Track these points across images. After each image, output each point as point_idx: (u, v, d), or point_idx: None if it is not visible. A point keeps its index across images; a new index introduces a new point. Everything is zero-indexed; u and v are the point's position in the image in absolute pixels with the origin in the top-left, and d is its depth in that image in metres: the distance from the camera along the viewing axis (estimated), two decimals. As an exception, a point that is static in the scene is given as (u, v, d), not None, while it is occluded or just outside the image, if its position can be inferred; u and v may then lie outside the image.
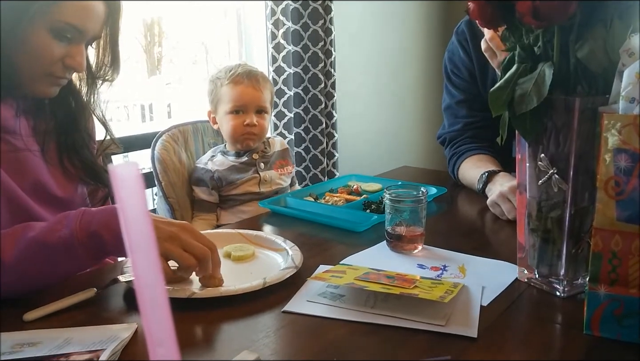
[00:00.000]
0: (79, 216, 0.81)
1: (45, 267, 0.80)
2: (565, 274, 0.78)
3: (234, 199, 1.44)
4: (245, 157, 1.45)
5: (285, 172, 1.51)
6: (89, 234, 0.79)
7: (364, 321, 0.73)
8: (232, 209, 1.44)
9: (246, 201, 1.43)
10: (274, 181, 1.46)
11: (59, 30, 0.86)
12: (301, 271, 0.88)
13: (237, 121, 1.42)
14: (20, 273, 0.78)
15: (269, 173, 1.45)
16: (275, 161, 1.50)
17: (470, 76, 1.48)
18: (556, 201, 0.78)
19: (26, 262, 0.78)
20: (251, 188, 1.43)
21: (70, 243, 0.79)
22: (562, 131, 0.76)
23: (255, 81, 1.44)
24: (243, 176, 1.43)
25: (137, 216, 0.18)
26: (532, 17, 0.71)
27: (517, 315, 0.76)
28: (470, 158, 1.40)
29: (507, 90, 0.77)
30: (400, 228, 0.98)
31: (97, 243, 0.80)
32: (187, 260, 0.81)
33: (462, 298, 0.79)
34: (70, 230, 0.79)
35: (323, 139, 2.42)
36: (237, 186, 1.43)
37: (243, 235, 1.05)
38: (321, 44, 2.33)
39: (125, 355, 0.66)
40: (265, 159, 1.47)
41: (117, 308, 0.80)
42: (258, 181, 1.43)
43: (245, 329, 0.74)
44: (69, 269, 0.83)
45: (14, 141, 0.91)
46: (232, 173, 1.43)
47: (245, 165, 1.45)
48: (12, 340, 0.68)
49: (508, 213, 1.13)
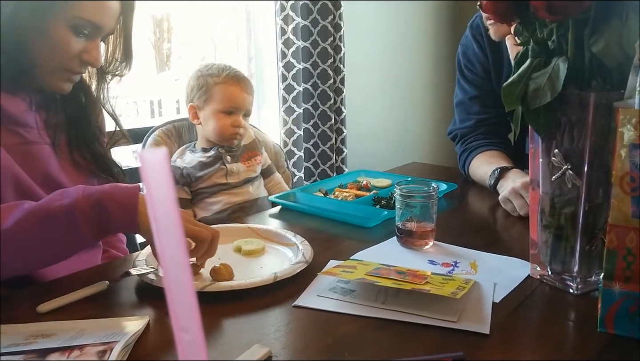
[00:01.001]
0: (81, 188, 0.80)
1: (43, 236, 0.78)
2: (578, 272, 0.78)
3: (203, 192, 1.46)
4: (212, 151, 1.47)
5: (254, 162, 1.52)
6: (91, 203, 0.78)
7: (374, 317, 0.73)
8: (202, 203, 1.46)
9: (215, 193, 1.45)
10: (242, 173, 1.48)
11: (77, 26, 0.88)
12: (311, 266, 0.88)
13: (226, 121, 1.44)
14: (18, 244, 0.77)
15: (235, 166, 1.47)
16: (242, 153, 1.51)
17: (485, 71, 1.46)
18: (570, 197, 0.77)
19: (24, 232, 0.76)
20: (218, 180, 1.45)
21: (71, 211, 0.77)
22: (576, 126, 0.75)
23: (246, 85, 1.48)
24: (210, 170, 1.45)
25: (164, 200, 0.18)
26: (546, 11, 0.71)
27: (530, 312, 0.76)
28: (482, 154, 1.39)
29: (521, 85, 0.76)
30: (411, 224, 0.98)
31: (100, 213, 0.78)
32: (201, 233, 0.82)
33: (474, 294, 0.79)
34: (71, 199, 0.78)
35: (332, 134, 2.41)
36: (204, 180, 1.45)
37: (253, 230, 1.05)
38: (330, 39, 2.32)
39: (137, 348, 0.66)
40: (232, 153, 1.49)
41: (129, 300, 0.81)
42: (225, 173, 1.45)
43: (256, 323, 0.74)
44: (68, 242, 0.81)
45: (26, 134, 0.92)
46: (200, 169, 1.45)
47: (213, 159, 1.46)
48: (27, 331, 0.68)
49: (520, 209, 1.12)
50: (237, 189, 1.46)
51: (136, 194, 0.81)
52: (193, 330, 0.17)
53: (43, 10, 0.85)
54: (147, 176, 0.18)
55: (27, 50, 0.87)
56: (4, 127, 0.89)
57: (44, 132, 0.95)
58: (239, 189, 1.46)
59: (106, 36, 0.95)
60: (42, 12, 0.85)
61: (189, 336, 0.17)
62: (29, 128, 0.92)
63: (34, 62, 0.88)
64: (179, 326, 0.17)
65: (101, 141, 1.07)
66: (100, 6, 0.89)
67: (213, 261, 0.88)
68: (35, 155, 0.93)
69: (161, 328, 0.72)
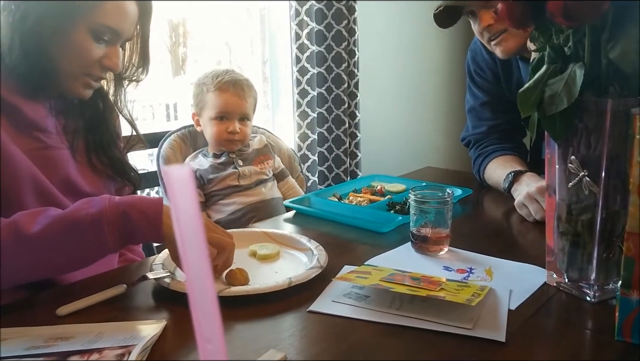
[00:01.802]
0: (107, 197, 0.82)
1: (69, 244, 0.79)
2: (596, 279, 0.77)
3: (216, 194, 1.46)
4: (223, 157, 1.48)
5: (266, 165, 1.53)
6: (117, 212, 0.80)
7: (389, 323, 0.73)
8: (215, 205, 1.47)
9: (227, 195, 1.45)
10: (253, 175, 1.48)
11: (98, 33, 0.90)
12: (326, 271, 0.88)
13: (220, 127, 1.46)
14: (44, 250, 0.78)
15: (247, 168, 1.48)
16: (254, 158, 1.52)
17: (494, 76, 1.46)
18: (587, 204, 0.76)
19: (51, 238, 0.78)
20: (231, 182, 1.46)
21: (99, 220, 0.79)
22: (593, 133, 0.74)
23: (240, 89, 1.47)
24: (222, 174, 1.46)
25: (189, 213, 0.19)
26: (563, 17, 0.70)
27: (546, 320, 0.75)
28: (496, 159, 1.39)
29: (537, 91, 0.76)
30: (425, 230, 0.98)
31: (125, 223, 0.81)
32: (223, 241, 0.84)
33: (490, 301, 0.78)
34: (98, 209, 0.80)
35: (346, 139, 2.42)
36: (217, 182, 1.45)
37: (268, 234, 1.05)
38: (345, 44, 2.33)
39: (154, 351, 0.67)
40: (243, 157, 1.50)
41: (146, 304, 0.82)
42: (237, 176, 1.46)
43: (271, 328, 0.74)
44: (93, 250, 0.82)
45: (45, 139, 0.94)
46: (212, 172, 1.46)
47: (224, 165, 1.47)
48: (46, 333, 0.69)
49: (535, 214, 1.11)
50: (250, 190, 1.47)
51: (160, 206, 0.82)
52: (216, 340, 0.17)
53: (66, 17, 0.87)
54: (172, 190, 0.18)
55: (50, 57, 0.89)
56: (25, 132, 0.90)
57: (62, 137, 0.97)
58: (251, 190, 1.47)
59: (124, 42, 0.97)
60: (65, 19, 0.87)
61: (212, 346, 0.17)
62: (49, 133, 0.94)
63: (56, 68, 0.90)
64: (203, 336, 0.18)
65: (118, 145, 1.09)
66: (119, 12, 0.91)
67: (229, 265, 0.88)
68: (54, 159, 0.95)
69: (178, 332, 0.73)
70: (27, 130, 0.91)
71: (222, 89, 1.46)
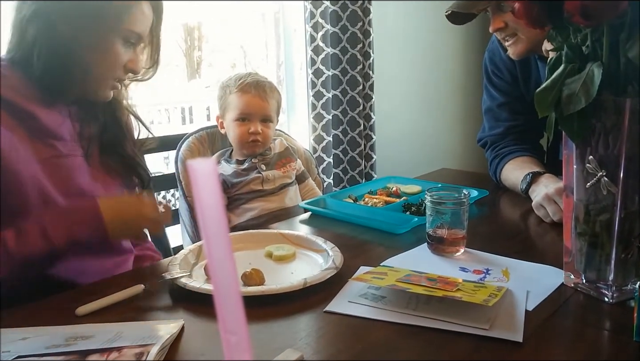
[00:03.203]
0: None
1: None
2: (614, 280, 0.76)
3: (240, 198, 1.47)
4: (246, 163, 1.49)
5: (289, 168, 1.54)
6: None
7: (406, 323, 0.73)
8: (238, 209, 1.47)
9: (251, 199, 1.46)
10: (277, 179, 1.49)
11: (126, 38, 0.94)
12: (341, 272, 0.88)
13: (242, 129, 1.47)
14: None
15: (271, 173, 1.48)
16: (277, 161, 1.53)
17: (512, 77, 1.45)
18: (605, 205, 0.76)
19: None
20: (255, 187, 1.47)
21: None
22: (611, 133, 0.74)
23: (262, 91, 1.48)
24: (246, 178, 1.46)
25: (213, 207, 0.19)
26: (581, 17, 0.70)
27: (564, 321, 0.74)
28: (513, 160, 1.38)
29: (554, 90, 0.76)
30: (441, 231, 0.98)
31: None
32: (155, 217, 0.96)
33: (507, 301, 0.78)
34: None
35: (361, 141, 2.41)
36: (241, 186, 1.46)
37: (284, 235, 1.06)
38: (359, 46, 2.33)
39: (172, 350, 0.67)
40: (266, 161, 1.50)
41: (163, 304, 0.82)
42: (261, 180, 1.46)
43: (287, 328, 0.75)
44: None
45: (60, 147, 0.95)
46: (236, 176, 1.47)
47: (247, 170, 1.48)
48: (67, 333, 0.70)
49: (553, 215, 1.10)
50: (273, 195, 1.47)
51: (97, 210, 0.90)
52: (239, 333, 0.18)
53: (101, 26, 0.92)
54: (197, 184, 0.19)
55: (83, 64, 0.92)
56: (40, 140, 0.92)
57: (77, 144, 0.98)
58: (274, 195, 1.47)
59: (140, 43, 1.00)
60: (100, 28, 0.92)
61: (236, 338, 0.18)
62: (64, 141, 0.95)
63: (87, 72, 0.93)
64: (226, 328, 0.18)
65: (129, 142, 1.09)
66: (142, 17, 0.94)
67: (245, 266, 0.89)
68: (67, 168, 0.96)
69: (195, 332, 0.73)
70: (43, 138, 0.92)
71: (244, 90, 1.47)
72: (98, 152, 1.03)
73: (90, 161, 1.01)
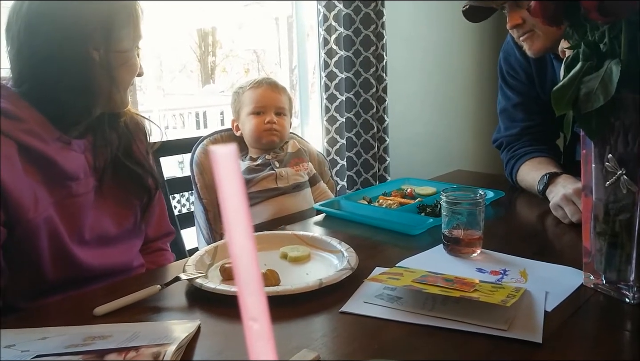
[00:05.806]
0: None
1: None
2: (635, 280, 0.75)
3: (254, 197, 1.47)
4: (259, 160, 1.50)
5: (302, 168, 1.54)
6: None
7: (422, 324, 0.73)
8: (252, 209, 1.47)
9: (265, 199, 1.46)
10: (290, 177, 1.49)
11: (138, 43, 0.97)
12: (357, 273, 0.88)
13: (258, 120, 1.49)
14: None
15: (284, 170, 1.49)
16: (290, 160, 1.53)
17: (527, 77, 1.44)
18: (625, 204, 0.74)
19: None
20: (269, 184, 1.47)
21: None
22: (630, 130, 0.73)
23: (274, 85, 1.54)
24: (260, 174, 1.47)
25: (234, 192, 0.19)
26: (598, 13, 0.69)
27: (584, 322, 0.73)
28: (530, 161, 1.36)
29: (572, 89, 0.75)
30: (457, 231, 0.97)
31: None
32: None
33: (525, 302, 0.77)
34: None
35: (374, 143, 2.41)
36: (255, 183, 1.46)
37: (298, 237, 1.06)
38: (373, 48, 2.33)
39: (189, 350, 0.68)
40: (279, 159, 1.51)
41: (180, 304, 0.83)
42: (275, 177, 1.47)
43: (303, 328, 0.74)
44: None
45: (75, 187, 0.93)
46: (249, 173, 1.48)
47: (261, 166, 1.49)
48: (85, 332, 0.71)
49: (571, 216, 1.09)
50: (287, 195, 1.47)
51: None
52: (262, 320, 0.18)
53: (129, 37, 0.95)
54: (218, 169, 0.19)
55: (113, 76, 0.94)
56: (58, 183, 0.91)
57: (91, 178, 0.97)
58: (288, 195, 1.47)
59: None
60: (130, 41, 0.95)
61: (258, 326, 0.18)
62: (79, 181, 0.94)
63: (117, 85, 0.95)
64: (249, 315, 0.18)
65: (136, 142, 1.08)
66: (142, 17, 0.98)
67: (260, 267, 0.89)
68: (79, 207, 0.94)
69: (212, 332, 0.73)
70: (61, 180, 0.91)
71: (257, 86, 1.52)
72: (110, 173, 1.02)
73: (104, 190, 0.99)
